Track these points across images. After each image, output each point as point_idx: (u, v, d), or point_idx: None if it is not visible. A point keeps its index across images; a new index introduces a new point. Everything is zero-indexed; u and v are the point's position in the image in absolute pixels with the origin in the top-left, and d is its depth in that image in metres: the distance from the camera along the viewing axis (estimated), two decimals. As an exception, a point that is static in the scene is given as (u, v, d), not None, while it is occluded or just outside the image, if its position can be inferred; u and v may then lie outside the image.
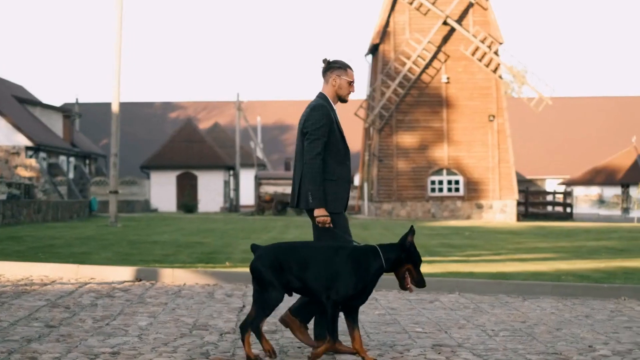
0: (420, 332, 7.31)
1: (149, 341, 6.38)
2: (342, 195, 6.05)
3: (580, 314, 8.82)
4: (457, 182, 40.14)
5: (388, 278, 8.81)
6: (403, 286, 5.80)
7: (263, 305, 5.63)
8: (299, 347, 6.31)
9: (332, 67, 6.18)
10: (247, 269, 11.47)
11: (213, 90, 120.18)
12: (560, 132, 66.94)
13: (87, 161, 56.86)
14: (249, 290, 9.87)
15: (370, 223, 33.33)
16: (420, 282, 5.79)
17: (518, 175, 63.16)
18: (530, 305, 9.34)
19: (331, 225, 5.98)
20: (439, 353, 6.33)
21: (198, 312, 7.95)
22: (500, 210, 39.81)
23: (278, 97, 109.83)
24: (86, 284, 9.77)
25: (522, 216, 43.98)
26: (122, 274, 10.18)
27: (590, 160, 61.05)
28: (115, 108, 25.90)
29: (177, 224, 27.84)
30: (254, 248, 5.78)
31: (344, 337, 6.47)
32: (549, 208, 50.12)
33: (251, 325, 5.65)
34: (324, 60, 6.22)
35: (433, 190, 40.07)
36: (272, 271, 5.61)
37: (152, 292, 9.27)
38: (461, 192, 40.09)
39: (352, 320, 5.76)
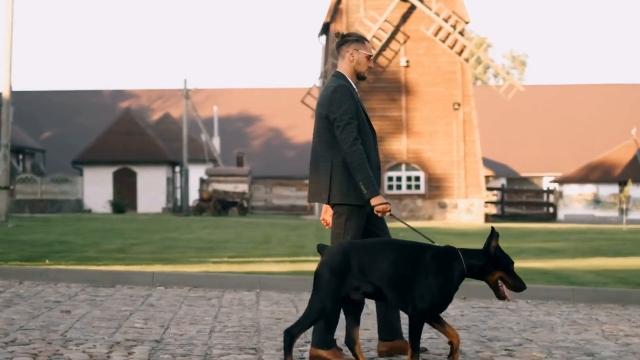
0: (143, 328, 7.48)
1: None
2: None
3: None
4: (417, 179, 40.30)
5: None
6: (499, 296, 5.85)
7: (309, 313, 5.64)
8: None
9: (348, 41, 6.21)
10: (63, 266, 11.74)
11: (171, 77, 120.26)
12: (555, 124, 67.10)
13: (21, 156, 57.00)
14: (22, 287, 10.04)
15: (311, 224, 33.55)
16: (518, 286, 5.83)
17: (512, 173, 63.36)
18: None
19: (391, 212, 6.07)
20: (112, 346, 6.51)
21: None
22: (466, 210, 39.97)
23: (242, 85, 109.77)
24: None
25: (498, 217, 44.17)
26: None
27: (586, 155, 61.17)
28: (6, 94, 26.14)
29: (80, 225, 28.06)
30: (321, 249, 5.77)
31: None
32: (535, 208, 50.31)
33: (287, 332, 5.64)
34: (337, 34, 6.26)
35: (390, 187, 40.23)
36: (336, 279, 5.62)
37: None
38: (422, 190, 40.25)
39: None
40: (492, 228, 5.89)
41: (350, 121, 5.99)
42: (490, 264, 5.78)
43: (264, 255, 15.33)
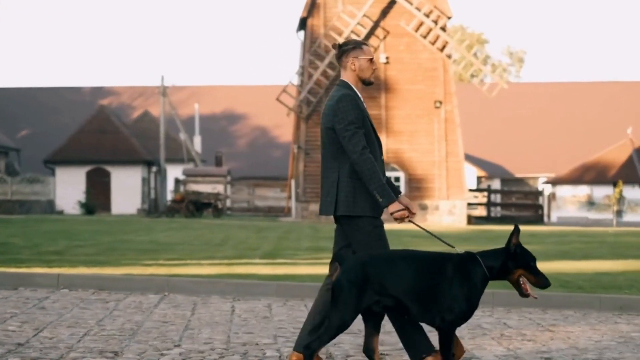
0: (15, 332, 7.53)
1: None
2: None
3: (261, 314, 9.04)
4: (397, 179, 40.32)
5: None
6: (522, 294, 5.93)
7: (329, 328, 5.69)
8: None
9: (346, 50, 6.30)
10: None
11: (153, 74, 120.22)
12: (551, 123, 67.17)
13: (-5, 155, 57.03)
14: None
15: (281, 227, 33.62)
16: (542, 283, 5.89)
17: (506, 173, 63.40)
18: (221, 305, 9.55)
19: (410, 218, 6.13)
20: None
21: None
22: (448, 212, 40.00)
23: (227, 82, 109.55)
24: None
25: (483, 219, 44.21)
26: None
27: (582, 155, 61.22)
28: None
29: (38, 226, 28.10)
30: (339, 259, 5.85)
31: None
32: (525, 210, 50.34)
33: (306, 348, 5.69)
34: (334, 46, 6.35)
35: (369, 188, 40.18)
36: (356, 292, 5.69)
37: None
38: (402, 191, 40.22)
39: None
40: (515, 225, 5.94)
41: (357, 130, 6.06)
42: (511, 262, 5.84)
43: (206, 258, 15.34)
